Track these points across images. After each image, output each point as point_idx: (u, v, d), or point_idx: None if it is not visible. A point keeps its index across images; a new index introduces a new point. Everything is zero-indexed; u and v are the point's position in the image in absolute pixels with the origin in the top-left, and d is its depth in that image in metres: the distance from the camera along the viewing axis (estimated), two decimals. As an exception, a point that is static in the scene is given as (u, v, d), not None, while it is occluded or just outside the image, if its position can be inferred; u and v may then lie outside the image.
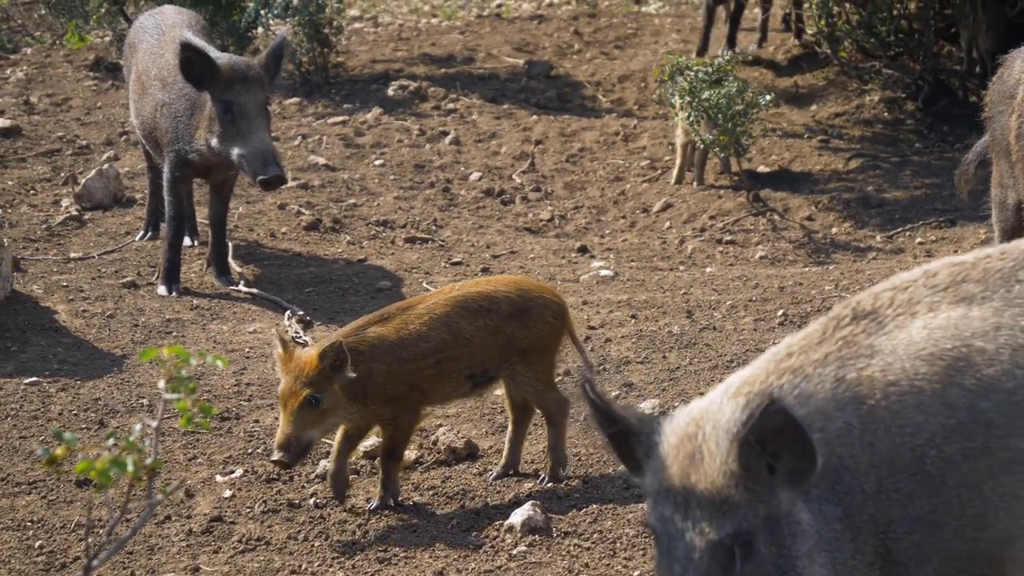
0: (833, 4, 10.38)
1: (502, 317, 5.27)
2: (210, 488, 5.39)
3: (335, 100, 11.20)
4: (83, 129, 10.21)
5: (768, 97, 9.32)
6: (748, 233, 8.85)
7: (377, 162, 9.84)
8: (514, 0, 15.14)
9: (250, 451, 5.70)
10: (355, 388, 5.03)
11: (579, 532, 5.01)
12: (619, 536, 4.95)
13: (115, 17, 11.91)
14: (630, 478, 3.34)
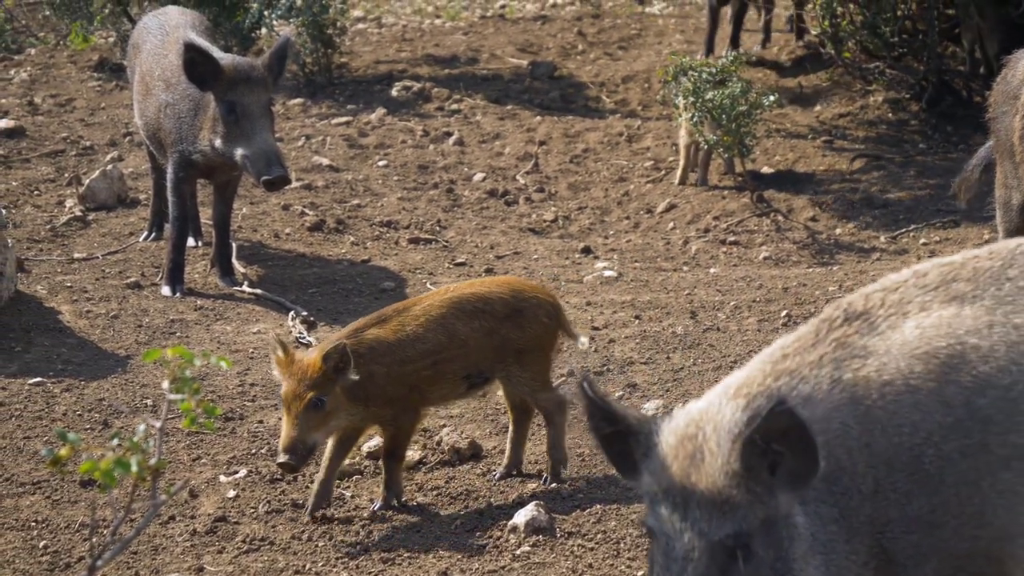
0: (837, 5, 10.36)
1: (497, 318, 5.28)
2: (214, 488, 5.39)
3: (339, 101, 11.20)
4: (87, 130, 10.22)
5: (772, 98, 9.31)
6: (752, 234, 8.85)
7: (381, 163, 9.84)
8: (518, 1, 15.14)
9: (254, 451, 5.70)
10: (356, 390, 5.04)
11: (583, 532, 5.01)
12: (623, 536, 4.95)
13: (119, 18, 11.92)
14: (624, 479, 3.33)
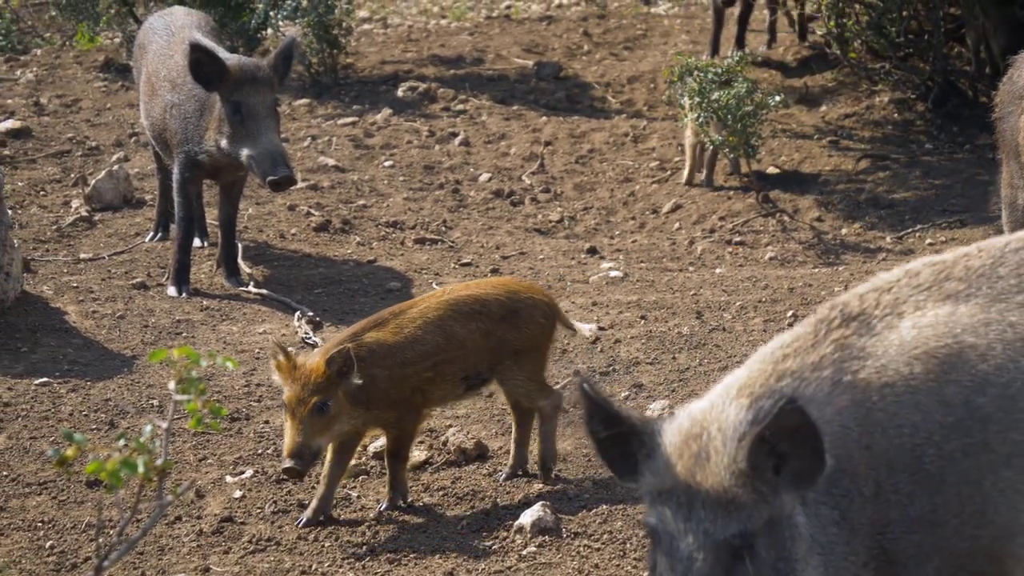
0: (844, 5, 10.35)
1: (493, 319, 5.30)
2: (220, 489, 5.40)
3: (344, 101, 11.20)
4: (93, 130, 10.23)
5: (777, 98, 9.30)
6: (758, 234, 8.84)
7: (387, 163, 9.84)
8: (523, 1, 15.14)
9: (260, 452, 5.70)
10: (358, 394, 5.04)
11: (589, 533, 5.01)
12: (629, 537, 4.96)
13: (125, 18, 11.91)
14: (619, 481, 3.32)
